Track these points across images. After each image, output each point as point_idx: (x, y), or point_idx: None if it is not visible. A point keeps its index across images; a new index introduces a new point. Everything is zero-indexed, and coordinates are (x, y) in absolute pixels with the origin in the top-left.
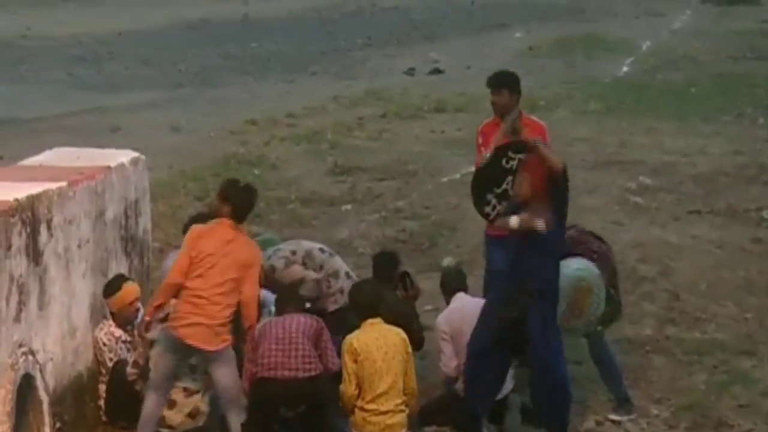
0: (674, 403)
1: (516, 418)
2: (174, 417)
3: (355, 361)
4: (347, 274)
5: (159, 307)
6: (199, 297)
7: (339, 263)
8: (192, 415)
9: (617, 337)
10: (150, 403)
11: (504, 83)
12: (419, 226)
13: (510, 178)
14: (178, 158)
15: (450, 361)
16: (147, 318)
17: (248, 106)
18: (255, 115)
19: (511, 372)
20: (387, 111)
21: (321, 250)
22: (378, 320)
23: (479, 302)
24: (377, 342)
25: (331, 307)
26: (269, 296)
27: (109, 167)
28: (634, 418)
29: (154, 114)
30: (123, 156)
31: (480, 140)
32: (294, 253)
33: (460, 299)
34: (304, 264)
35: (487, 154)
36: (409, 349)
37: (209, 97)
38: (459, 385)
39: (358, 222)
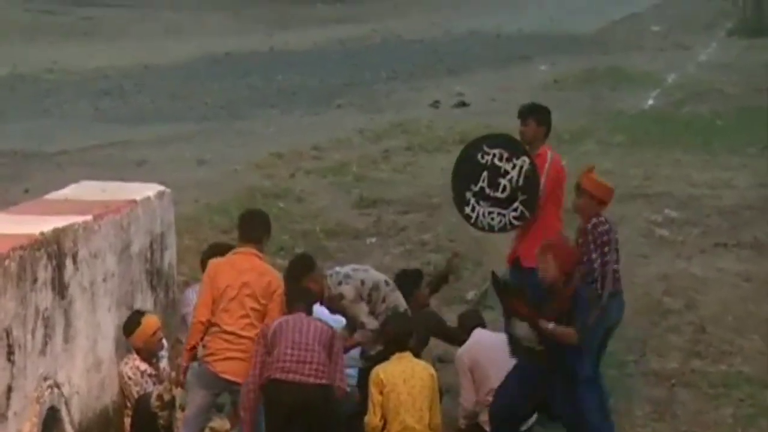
0: None
1: None
2: None
3: (381, 393)
4: (406, 311)
5: (193, 349)
6: (229, 333)
7: (400, 299)
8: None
9: (644, 370)
10: None
11: (531, 113)
12: (444, 259)
13: (485, 174)
14: (204, 192)
15: (469, 395)
16: (184, 363)
17: (273, 139)
18: (280, 147)
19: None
20: (412, 144)
21: (386, 282)
22: (407, 354)
23: (497, 336)
24: (404, 374)
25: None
26: (328, 315)
27: (134, 201)
28: None
29: (180, 147)
30: (148, 189)
31: None
32: (363, 283)
33: (479, 333)
34: (369, 296)
35: None
36: (436, 386)
37: (234, 130)
38: (483, 417)
39: (383, 255)
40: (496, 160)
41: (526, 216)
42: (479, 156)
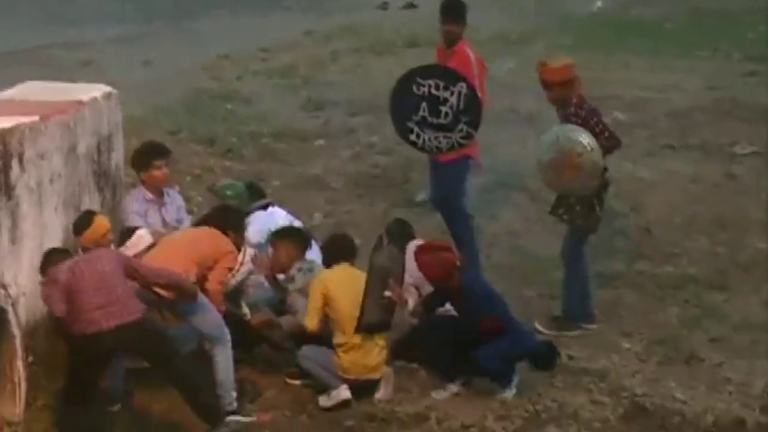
0: (646, 337)
1: None
2: None
3: (325, 301)
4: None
5: None
6: None
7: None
8: None
9: (591, 272)
10: None
11: (451, 9)
12: (392, 161)
13: (424, 104)
14: (151, 93)
15: (412, 296)
16: None
17: (221, 41)
18: (227, 49)
19: None
20: (360, 46)
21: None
22: (347, 265)
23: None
24: (346, 281)
25: None
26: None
27: (81, 101)
28: (563, 335)
29: (126, 48)
30: (95, 90)
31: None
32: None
33: (411, 245)
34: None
35: None
36: None
37: (182, 32)
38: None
39: (331, 157)
40: (432, 90)
41: (473, 135)
42: (414, 88)
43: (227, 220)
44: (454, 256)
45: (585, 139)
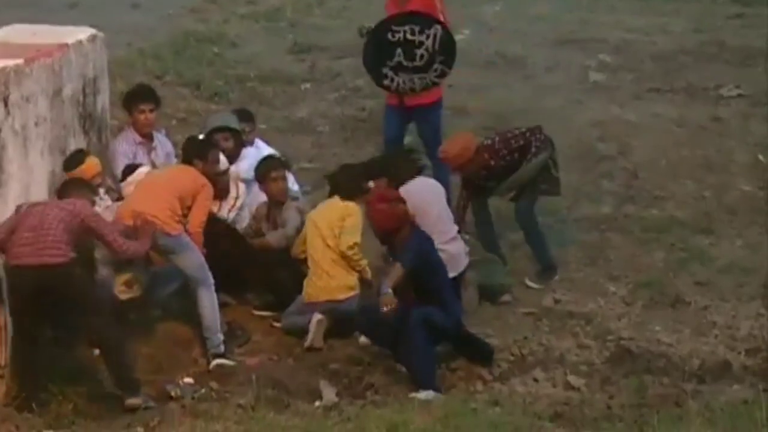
0: (632, 281)
1: (473, 295)
2: None
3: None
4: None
5: None
6: None
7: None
8: (128, 284)
9: (576, 216)
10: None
11: None
12: (378, 104)
13: (399, 50)
14: (137, 36)
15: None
16: None
17: None
18: None
19: (465, 249)
20: None
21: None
22: (335, 198)
23: (422, 179)
24: (321, 210)
25: None
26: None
27: (66, 44)
28: (551, 283)
29: None
30: (81, 33)
31: (385, 5)
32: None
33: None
34: None
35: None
36: (353, 218)
37: None
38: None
39: (318, 100)
40: (408, 35)
41: (447, 72)
42: (389, 35)
43: (188, 150)
44: (407, 208)
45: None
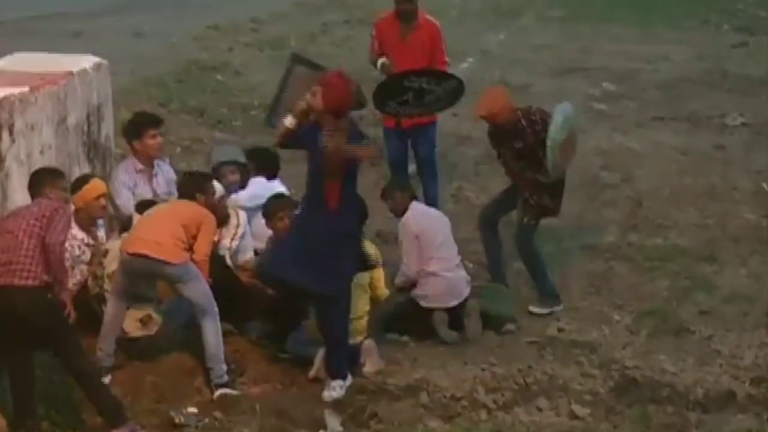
0: (636, 309)
1: (477, 324)
2: (125, 324)
3: None
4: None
5: None
6: None
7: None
8: (143, 321)
9: (581, 244)
10: (111, 309)
11: None
12: (381, 132)
13: (411, 93)
14: (141, 64)
15: (413, 262)
16: None
17: (211, 12)
18: (218, 20)
19: (467, 278)
20: (351, 17)
21: None
22: None
23: (431, 209)
24: None
25: None
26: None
27: (71, 72)
28: (556, 312)
29: (116, 19)
30: (85, 61)
31: (374, 33)
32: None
33: (417, 204)
34: None
35: (382, 59)
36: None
37: (171, 2)
38: (416, 291)
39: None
40: (423, 85)
41: (447, 107)
42: (404, 82)
43: (190, 185)
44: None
45: (576, 120)
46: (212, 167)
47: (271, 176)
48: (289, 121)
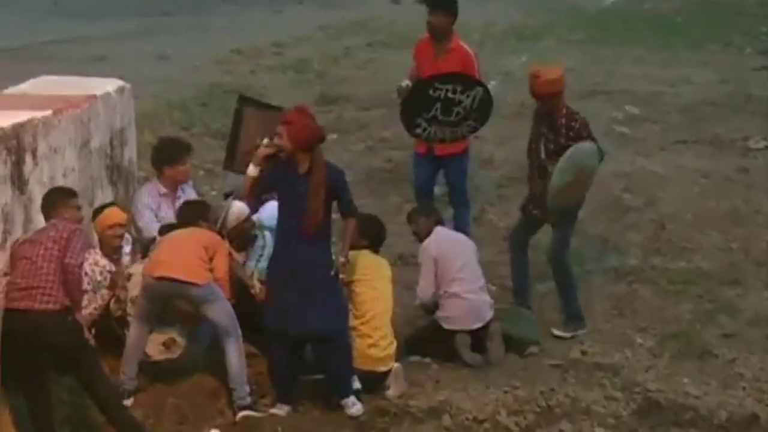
0: (659, 333)
1: (499, 347)
2: (148, 347)
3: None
4: None
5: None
6: None
7: None
8: (167, 345)
9: (604, 267)
10: (134, 333)
11: (440, 3)
12: (405, 155)
13: (438, 105)
14: (164, 87)
15: (428, 286)
16: None
17: (234, 35)
18: (241, 44)
19: (490, 302)
20: (373, 41)
21: None
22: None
23: (455, 233)
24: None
25: None
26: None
27: (94, 96)
28: (580, 335)
29: (140, 42)
30: (109, 85)
31: (414, 54)
32: None
33: (440, 229)
34: None
35: (402, 82)
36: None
37: (195, 26)
38: (439, 313)
39: (344, 151)
40: (449, 94)
41: (478, 128)
42: (430, 91)
43: (191, 214)
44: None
45: (593, 160)
46: (230, 190)
47: None
48: (251, 170)
